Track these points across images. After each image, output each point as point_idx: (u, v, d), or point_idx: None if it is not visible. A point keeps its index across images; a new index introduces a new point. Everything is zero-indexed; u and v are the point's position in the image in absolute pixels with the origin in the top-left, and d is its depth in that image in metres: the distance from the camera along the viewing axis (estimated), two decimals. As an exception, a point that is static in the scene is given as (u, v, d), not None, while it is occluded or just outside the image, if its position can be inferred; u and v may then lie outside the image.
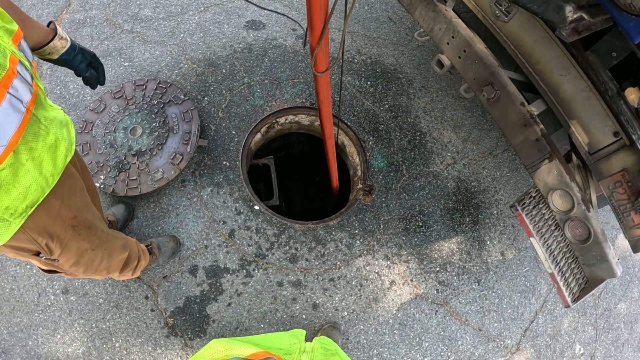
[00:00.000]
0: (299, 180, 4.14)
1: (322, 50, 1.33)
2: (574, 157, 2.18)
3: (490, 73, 1.95)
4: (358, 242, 2.68)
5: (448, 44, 2.12)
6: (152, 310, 2.40)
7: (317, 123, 3.10)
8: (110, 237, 1.69)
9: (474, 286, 2.75)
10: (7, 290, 2.41)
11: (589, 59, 1.81)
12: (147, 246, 2.29)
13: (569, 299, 1.93)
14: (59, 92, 2.89)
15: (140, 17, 3.24)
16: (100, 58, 2.95)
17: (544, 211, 1.95)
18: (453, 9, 2.23)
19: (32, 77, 1.10)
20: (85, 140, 2.60)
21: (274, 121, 3.01)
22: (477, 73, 2.01)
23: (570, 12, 1.49)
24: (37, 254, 1.35)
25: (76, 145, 2.50)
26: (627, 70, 1.80)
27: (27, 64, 1.09)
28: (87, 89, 2.89)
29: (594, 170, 1.90)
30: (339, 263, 2.61)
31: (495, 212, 2.98)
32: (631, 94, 1.73)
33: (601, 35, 1.72)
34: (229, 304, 2.45)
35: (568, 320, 2.89)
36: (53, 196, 1.24)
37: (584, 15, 1.50)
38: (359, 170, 2.99)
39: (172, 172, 2.54)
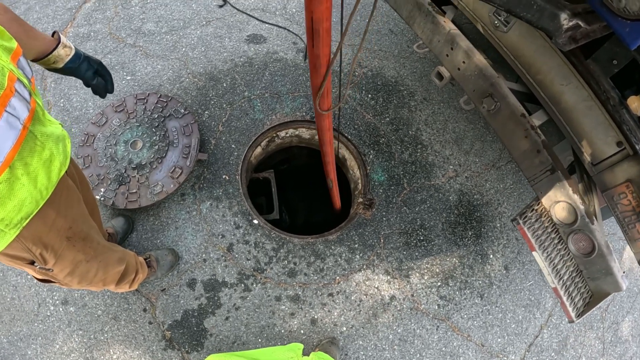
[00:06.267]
0: (301, 192, 4.13)
1: (325, 91, 1.33)
2: (577, 168, 2.14)
3: (490, 84, 1.93)
4: (358, 256, 2.66)
5: (447, 55, 2.10)
6: (150, 323, 2.40)
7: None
8: (106, 250, 1.70)
9: (476, 301, 2.71)
10: (8, 299, 2.42)
11: (589, 67, 1.77)
12: (145, 259, 2.30)
13: (573, 314, 1.89)
14: (62, 105, 2.92)
15: (143, 31, 3.28)
16: (104, 70, 3.00)
17: (546, 224, 1.91)
18: (453, 20, 2.22)
19: (30, 94, 1.12)
20: (86, 153, 2.62)
21: (274, 135, 3.01)
22: (476, 84, 1.99)
23: (565, 20, 1.44)
24: (32, 262, 1.37)
25: (78, 158, 2.55)
26: (629, 77, 1.76)
27: (25, 81, 1.11)
28: (90, 102, 2.92)
29: (597, 182, 1.85)
30: (338, 278, 2.59)
31: (499, 225, 2.95)
32: (634, 103, 1.69)
33: (601, 42, 1.70)
34: (227, 318, 2.44)
35: (574, 335, 2.84)
36: (49, 207, 1.26)
37: (580, 22, 1.46)
38: (360, 184, 2.97)
39: (172, 186, 2.55)
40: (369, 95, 3.19)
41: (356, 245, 2.69)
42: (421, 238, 2.78)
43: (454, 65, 2.09)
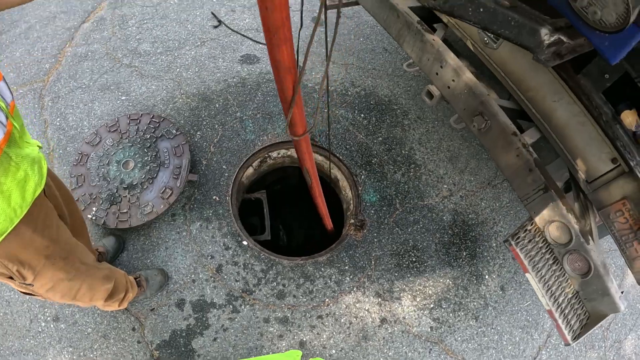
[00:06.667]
0: (296, 212, 4.11)
1: (297, 114, 1.30)
2: (573, 186, 2.10)
3: (479, 102, 1.88)
4: (348, 278, 2.64)
5: (437, 74, 2.05)
6: (139, 342, 2.40)
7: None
8: (91, 269, 1.72)
9: (471, 323, 2.67)
10: (1, 314, 2.44)
11: (580, 82, 1.74)
12: (135, 278, 2.32)
13: (568, 337, 1.84)
14: (58, 123, 2.96)
15: (139, 51, 3.32)
16: (99, 92, 3.05)
17: (540, 245, 1.86)
18: (445, 38, 2.20)
19: (7, 117, 1.16)
20: (79, 173, 2.65)
21: (266, 155, 3.02)
22: (466, 103, 1.95)
23: (546, 35, 1.40)
24: (11, 277, 1.41)
25: (71, 177, 2.58)
26: (623, 91, 1.71)
27: (2, 105, 1.15)
28: (85, 122, 2.96)
29: (593, 200, 1.81)
30: (327, 300, 2.57)
31: (495, 244, 2.91)
32: (628, 117, 1.65)
33: (592, 56, 1.66)
34: (215, 339, 2.42)
35: (574, 355, 2.77)
36: (24, 226, 1.29)
37: (562, 37, 1.41)
38: (352, 205, 2.96)
39: (162, 206, 2.56)
40: (362, 115, 3.19)
41: (346, 267, 2.67)
42: (413, 259, 2.75)
43: (443, 84, 2.05)
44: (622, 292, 1.81)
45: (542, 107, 1.91)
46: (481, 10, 1.57)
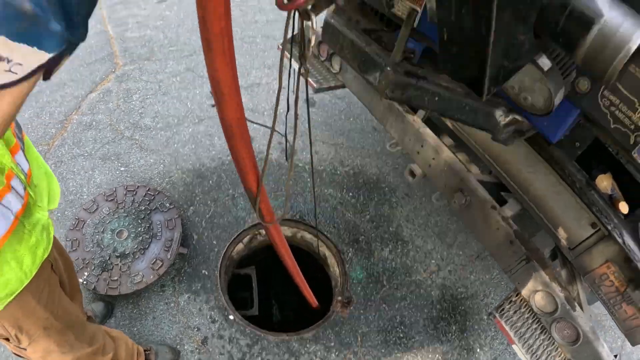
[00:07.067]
0: (287, 286, 4.08)
1: (263, 203, 1.37)
2: (559, 253, 2.13)
3: (459, 179, 1.96)
4: (333, 355, 2.63)
5: (418, 153, 2.15)
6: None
7: (300, 235, 3.18)
8: (85, 348, 1.72)
9: (462, 399, 2.62)
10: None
11: (553, 153, 1.80)
12: (145, 351, 2.30)
13: None
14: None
15: (140, 125, 3.50)
16: (100, 161, 3.18)
17: (526, 315, 1.85)
18: (429, 117, 2.29)
19: (25, 188, 1.24)
20: (75, 237, 2.73)
21: (256, 232, 3.09)
22: (447, 180, 2.03)
23: (501, 117, 1.48)
24: (7, 339, 1.47)
25: (67, 241, 2.66)
26: (595, 156, 1.77)
27: (22, 176, 1.23)
28: (85, 188, 3.07)
29: (577, 266, 1.82)
30: (312, 377, 2.55)
31: (486, 317, 2.90)
32: (602, 182, 1.70)
33: None
34: (197, 414, 2.39)
35: None
36: (30, 295, 1.36)
37: (517, 117, 1.49)
38: (339, 282, 2.99)
39: (151, 277, 2.62)
40: (350, 194, 3.30)
41: (332, 344, 2.67)
42: (401, 335, 2.75)
43: (425, 162, 2.13)
44: (615, 356, 1.79)
45: (519, 179, 1.97)
46: (437, 99, 1.66)
